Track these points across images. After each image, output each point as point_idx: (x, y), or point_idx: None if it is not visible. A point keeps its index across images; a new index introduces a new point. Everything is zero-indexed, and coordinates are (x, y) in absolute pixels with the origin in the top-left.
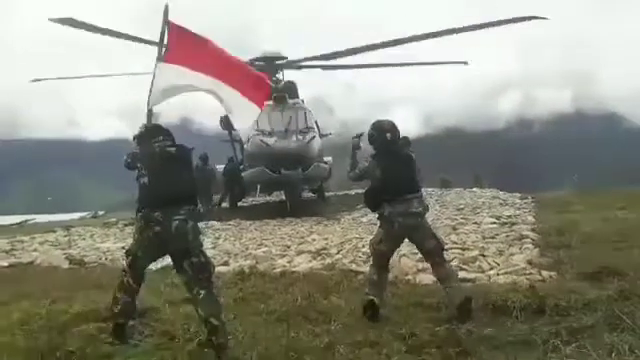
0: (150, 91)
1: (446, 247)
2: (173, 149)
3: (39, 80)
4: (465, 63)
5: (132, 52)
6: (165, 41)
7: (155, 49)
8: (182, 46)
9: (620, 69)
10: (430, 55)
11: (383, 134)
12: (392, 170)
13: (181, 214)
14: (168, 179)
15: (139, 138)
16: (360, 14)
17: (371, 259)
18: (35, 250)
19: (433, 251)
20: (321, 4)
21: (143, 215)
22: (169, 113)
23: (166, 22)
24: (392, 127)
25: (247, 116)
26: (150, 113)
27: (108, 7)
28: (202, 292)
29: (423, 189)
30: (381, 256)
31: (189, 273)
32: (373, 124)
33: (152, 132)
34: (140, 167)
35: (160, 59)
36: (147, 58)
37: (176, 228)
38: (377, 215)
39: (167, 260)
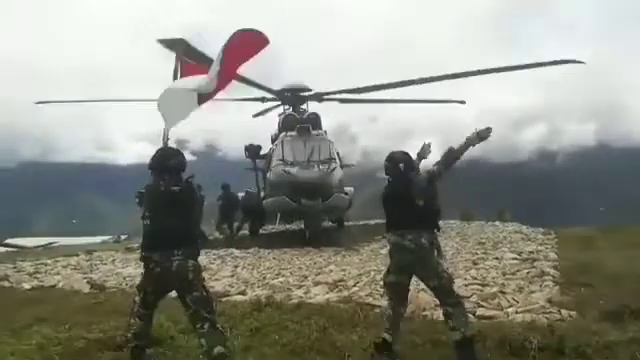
0: (166, 121)
1: (465, 282)
2: (177, 188)
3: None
4: (462, 102)
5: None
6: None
7: None
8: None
9: None
10: (450, 90)
11: (397, 165)
12: (387, 203)
13: (178, 255)
14: (167, 222)
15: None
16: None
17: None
18: (58, 273)
19: (436, 290)
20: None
21: (144, 258)
22: (195, 139)
23: (179, 59)
24: (404, 158)
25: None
26: (166, 141)
27: None
28: (205, 325)
29: (443, 222)
30: (390, 288)
31: (192, 308)
32: (387, 156)
33: (160, 170)
34: (144, 207)
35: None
36: None
37: (176, 268)
38: None
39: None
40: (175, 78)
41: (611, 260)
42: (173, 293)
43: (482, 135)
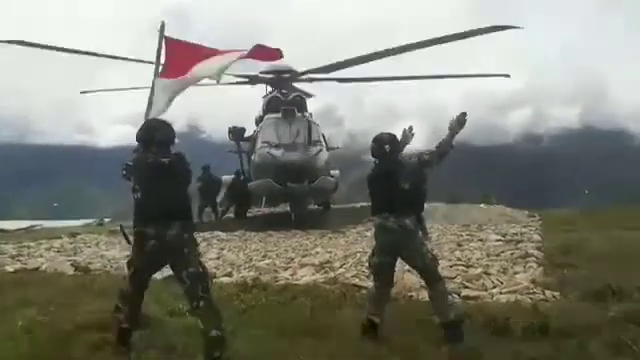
0: (148, 106)
1: (450, 264)
2: (166, 160)
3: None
4: (507, 76)
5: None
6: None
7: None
8: (178, 57)
9: (630, 86)
10: (431, 69)
11: (382, 147)
12: (373, 185)
13: (174, 228)
14: (160, 193)
15: (137, 146)
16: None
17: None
18: (41, 256)
19: (421, 271)
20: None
21: (137, 232)
22: (177, 120)
23: (162, 39)
24: (391, 140)
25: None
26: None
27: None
28: (201, 303)
29: (429, 204)
30: (375, 270)
31: (187, 284)
32: (374, 138)
33: (147, 142)
34: (133, 180)
35: (157, 75)
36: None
37: (172, 241)
38: None
39: (170, 270)
40: (158, 57)
41: (594, 241)
42: (159, 274)
43: (460, 120)
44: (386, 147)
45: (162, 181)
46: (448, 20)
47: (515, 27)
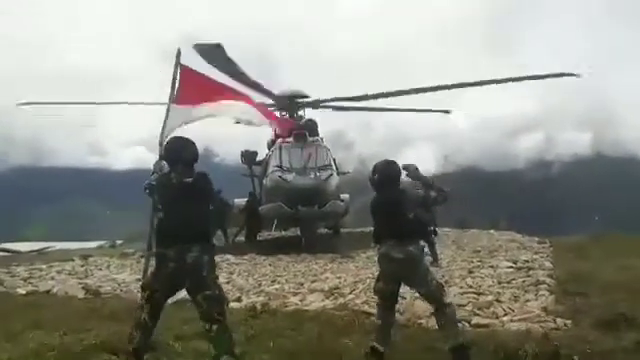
0: (162, 130)
1: (461, 291)
2: (190, 179)
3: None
4: (447, 112)
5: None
6: (177, 84)
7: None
8: (191, 86)
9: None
10: (447, 98)
11: (383, 175)
12: (376, 213)
13: (194, 250)
14: (182, 215)
15: (155, 166)
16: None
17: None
18: (52, 279)
19: (425, 297)
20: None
21: (157, 253)
22: None
23: (178, 65)
24: (387, 168)
25: (257, 118)
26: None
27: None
28: (214, 327)
29: (439, 229)
30: (380, 295)
31: (203, 307)
32: (373, 167)
33: (173, 161)
34: (157, 200)
35: (172, 100)
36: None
37: (191, 263)
38: None
39: (180, 294)
40: (174, 84)
41: (605, 269)
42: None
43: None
44: (385, 176)
45: (185, 202)
46: (462, 43)
47: (573, 75)
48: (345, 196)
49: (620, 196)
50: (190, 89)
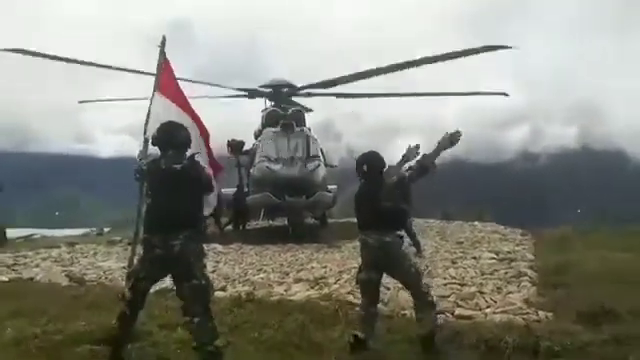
0: (147, 119)
1: (444, 282)
2: (178, 166)
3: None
4: (505, 94)
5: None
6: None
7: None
8: (169, 83)
9: (628, 107)
10: (429, 86)
11: (360, 166)
12: (358, 202)
13: (181, 238)
14: (170, 201)
15: (140, 152)
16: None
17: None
18: (37, 266)
19: (405, 285)
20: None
21: (144, 239)
22: None
23: (163, 53)
24: (372, 158)
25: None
26: (147, 141)
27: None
28: (196, 319)
29: (424, 220)
30: (362, 285)
31: (188, 296)
32: (357, 157)
33: (164, 145)
34: (146, 186)
35: (156, 89)
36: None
37: (178, 251)
38: None
39: (163, 283)
40: (159, 72)
41: (587, 261)
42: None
43: (453, 139)
44: (364, 167)
45: (173, 189)
46: (448, 40)
47: (506, 47)
48: (333, 187)
49: (605, 189)
50: (169, 85)
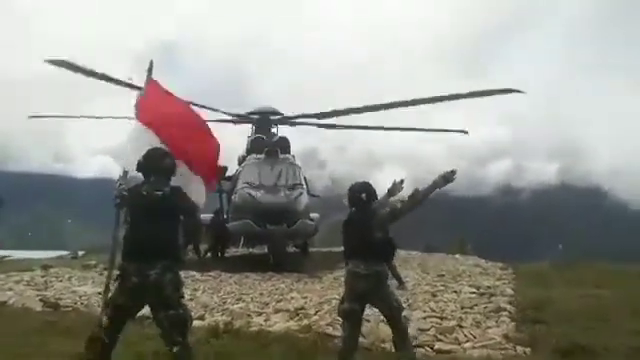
0: (127, 151)
1: (424, 315)
2: (159, 193)
3: (37, 117)
4: (465, 132)
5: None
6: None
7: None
8: (151, 104)
9: (606, 146)
10: (419, 122)
11: (359, 195)
12: (347, 231)
13: (157, 267)
14: (148, 229)
15: (121, 177)
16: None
17: None
18: (10, 289)
19: (387, 317)
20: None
21: (120, 267)
22: None
23: (149, 78)
24: (369, 188)
25: (196, 192)
26: (125, 174)
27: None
28: (176, 348)
29: (406, 252)
30: (344, 317)
31: (165, 326)
32: (350, 186)
33: (147, 171)
34: (126, 212)
35: (137, 117)
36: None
37: (153, 281)
38: None
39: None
40: (138, 100)
41: (566, 297)
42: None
43: (447, 178)
44: (362, 196)
45: (153, 216)
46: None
47: (520, 91)
48: (315, 215)
49: (584, 225)
50: (149, 107)
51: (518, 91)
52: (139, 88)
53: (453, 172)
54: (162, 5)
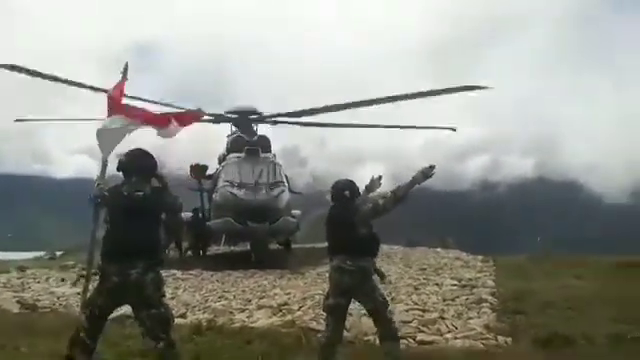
0: (102, 142)
1: (407, 308)
2: (140, 194)
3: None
4: (453, 129)
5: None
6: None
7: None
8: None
9: (581, 141)
10: (390, 117)
11: (342, 192)
12: (331, 227)
13: (138, 267)
14: (128, 229)
15: (98, 177)
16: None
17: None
18: None
19: (371, 312)
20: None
21: (100, 267)
22: None
23: (124, 79)
24: (352, 185)
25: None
26: (105, 164)
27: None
28: (160, 346)
29: (389, 246)
30: (329, 310)
31: (147, 325)
32: (334, 184)
33: (128, 171)
34: (106, 212)
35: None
36: None
37: (134, 280)
38: None
39: (122, 309)
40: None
41: (545, 288)
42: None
43: (426, 173)
44: (346, 193)
45: (133, 216)
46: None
47: (485, 87)
48: (296, 212)
49: (560, 218)
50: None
51: (483, 87)
52: (96, 89)
53: (432, 167)
54: (142, 5)
